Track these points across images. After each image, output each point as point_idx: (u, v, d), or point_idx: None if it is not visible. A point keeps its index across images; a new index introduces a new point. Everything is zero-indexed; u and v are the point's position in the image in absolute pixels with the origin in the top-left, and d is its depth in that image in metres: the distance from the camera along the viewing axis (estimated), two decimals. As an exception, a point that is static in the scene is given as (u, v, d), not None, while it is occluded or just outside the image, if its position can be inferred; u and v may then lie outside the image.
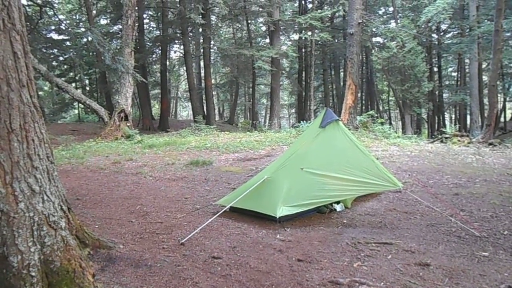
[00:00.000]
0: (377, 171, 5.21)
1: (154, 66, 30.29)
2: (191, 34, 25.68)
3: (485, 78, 23.15)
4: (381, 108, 33.67)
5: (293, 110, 41.82)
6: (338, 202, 5.41)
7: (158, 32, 28.88)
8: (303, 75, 30.14)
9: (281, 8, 25.97)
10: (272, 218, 4.68)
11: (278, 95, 25.85)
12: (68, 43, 22.45)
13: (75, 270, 2.68)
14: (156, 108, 36.73)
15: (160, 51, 26.69)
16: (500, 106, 25.63)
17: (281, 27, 26.12)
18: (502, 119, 25.78)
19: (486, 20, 20.41)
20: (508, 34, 21.65)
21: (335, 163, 5.12)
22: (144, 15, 25.75)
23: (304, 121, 18.51)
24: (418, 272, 3.38)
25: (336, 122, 5.37)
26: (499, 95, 23.87)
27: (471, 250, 3.94)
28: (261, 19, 29.13)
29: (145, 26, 27.11)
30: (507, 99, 27.89)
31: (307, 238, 4.29)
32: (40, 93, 26.55)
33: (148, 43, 26.74)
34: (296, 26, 26.07)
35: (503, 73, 24.45)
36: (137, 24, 17.98)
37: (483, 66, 23.57)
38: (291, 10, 30.90)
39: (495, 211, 5.13)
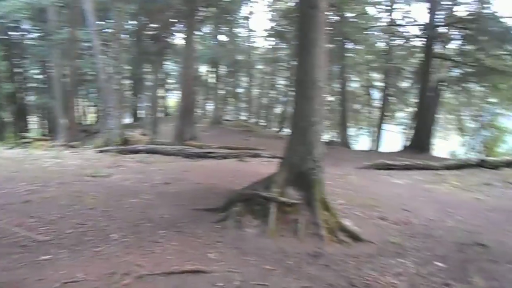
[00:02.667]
0: None
1: None
2: None
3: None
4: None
5: None
6: None
7: None
8: None
9: None
10: None
11: None
12: None
13: None
14: None
15: None
16: (84, 110, 27.61)
17: None
18: (89, 122, 27.80)
19: (66, 27, 21.19)
20: (87, 44, 23.50)
21: None
22: None
23: None
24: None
25: None
26: (82, 99, 25.63)
27: (34, 256, 3.91)
28: None
29: None
30: (89, 103, 30.26)
31: None
32: None
33: None
34: None
35: (84, 79, 26.32)
36: None
37: (67, 71, 24.43)
38: None
39: (63, 212, 5.38)
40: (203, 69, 29.41)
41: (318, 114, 5.55)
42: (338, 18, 18.34)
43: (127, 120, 26.90)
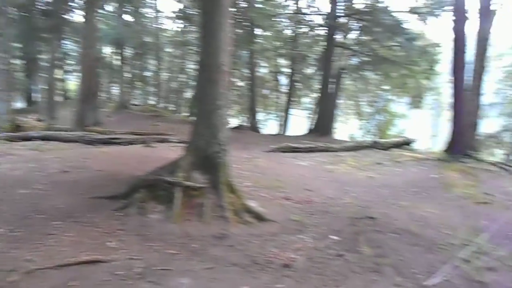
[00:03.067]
0: None
1: None
2: None
3: None
4: None
5: None
6: None
7: None
8: None
9: None
10: None
11: None
12: None
13: None
14: None
15: None
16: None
17: None
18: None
19: None
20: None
21: None
22: None
23: None
24: None
25: None
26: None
27: None
28: None
29: None
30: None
31: None
32: None
33: None
34: None
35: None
36: None
37: None
38: None
39: None
40: (107, 50, 27.62)
41: (223, 97, 5.58)
42: (246, 3, 18.44)
43: (19, 104, 24.34)
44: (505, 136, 23.22)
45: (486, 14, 12.07)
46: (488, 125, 21.46)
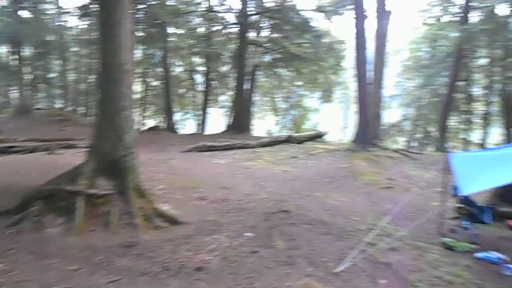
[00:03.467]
0: None
1: None
2: None
3: None
4: None
5: None
6: None
7: None
8: None
9: None
10: None
11: None
12: None
13: None
14: None
15: None
16: None
17: None
18: None
19: None
20: None
21: None
22: None
23: None
24: None
25: None
26: None
27: None
28: None
29: None
30: None
31: None
32: None
33: None
34: None
35: None
36: None
37: None
38: None
39: None
40: (1, 49, 24.91)
41: (127, 98, 5.28)
42: (154, 0, 17.73)
43: None
44: (405, 125, 25.51)
45: (383, 13, 13.06)
46: (390, 115, 23.37)
